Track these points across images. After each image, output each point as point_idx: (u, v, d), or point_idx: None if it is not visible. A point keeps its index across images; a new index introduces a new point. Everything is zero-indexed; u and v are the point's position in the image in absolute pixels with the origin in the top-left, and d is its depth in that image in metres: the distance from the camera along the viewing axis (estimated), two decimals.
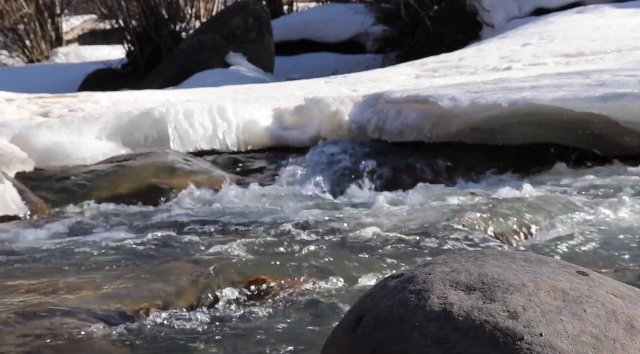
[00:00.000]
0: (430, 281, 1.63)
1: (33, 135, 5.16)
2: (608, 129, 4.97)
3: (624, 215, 3.82)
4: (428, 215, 3.92)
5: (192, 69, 11.54)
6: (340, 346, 1.65)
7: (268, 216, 4.20)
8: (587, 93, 4.95)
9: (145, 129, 5.45)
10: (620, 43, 8.43)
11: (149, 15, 13.17)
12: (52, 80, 12.57)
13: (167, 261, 3.37)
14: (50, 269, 3.33)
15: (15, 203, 4.42)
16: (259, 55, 12.07)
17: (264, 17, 12.31)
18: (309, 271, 3.13)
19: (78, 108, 6.23)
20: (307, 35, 15.31)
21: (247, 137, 5.72)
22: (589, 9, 11.21)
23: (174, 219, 4.22)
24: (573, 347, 1.45)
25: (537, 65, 7.75)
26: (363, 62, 13.39)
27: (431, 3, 12.43)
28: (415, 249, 3.43)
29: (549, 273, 1.65)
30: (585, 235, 3.52)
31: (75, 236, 3.91)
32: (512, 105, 5.02)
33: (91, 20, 18.97)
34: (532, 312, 1.51)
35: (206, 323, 2.63)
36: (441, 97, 5.29)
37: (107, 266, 3.34)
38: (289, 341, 2.46)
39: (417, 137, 5.44)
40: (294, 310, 2.72)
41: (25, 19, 15.67)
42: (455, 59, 8.88)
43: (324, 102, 5.76)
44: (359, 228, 3.76)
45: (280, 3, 18.55)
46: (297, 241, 3.58)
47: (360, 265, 3.19)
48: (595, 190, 4.35)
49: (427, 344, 1.51)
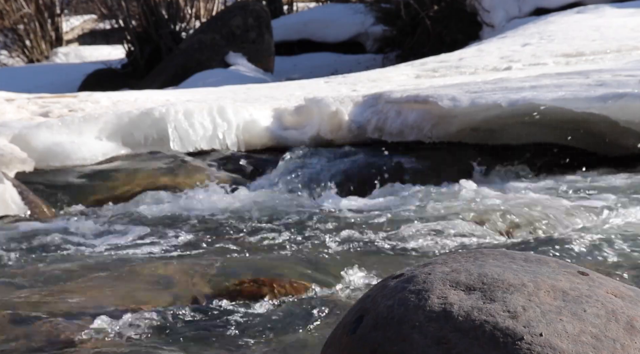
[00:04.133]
0: (430, 281, 1.63)
1: (33, 135, 5.16)
2: (608, 129, 4.97)
3: (624, 214, 3.82)
4: (428, 215, 3.92)
5: (192, 69, 11.54)
6: (340, 346, 1.65)
7: (267, 216, 4.20)
8: (587, 93, 4.95)
9: (145, 129, 5.45)
10: (620, 43, 8.43)
11: (149, 15, 13.17)
12: (52, 80, 12.57)
13: (166, 261, 3.37)
14: (49, 269, 3.33)
15: (15, 203, 4.42)
16: (259, 55, 12.07)
17: (264, 17, 12.31)
18: (308, 271, 3.13)
19: (78, 108, 6.23)
20: (307, 35, 15.32)
21: (247, 137, 5.72)
22: (589, 9, 11.22)
23: (173, 219, 4.22)
24: (573, 347, 1.45)
25: (537, 65, 7.75)
26: (363, 62, 13.40)
27: (431, 3, 12.43)
28: (415, 249, 3.43)
29: (549, 273, 1.65)
30: (585, 235, 3.52)
31: (74, 236, 3.91)
32: (512, 105, 5.02)
33: (91, 20, 18.97)
34: (532, 312, 1.51)
35: (205, 324, 2.63)
36: (441, 97, 5.29)
37: (107, 266, 3.34)
38: (289, 341, 2.46)
39: (417, 137, 5.44)
40: (294, 310, 2.72)
41: (25, 19, 15.67)
42: (455, 58, 8.88)
43: (324, 102, 5.76)
44: (358, 229, 3.76)
45: (280, 3, 18.56)
46: (296, 242, 3.58)
47: (360, 265, 3.19)
48: (595, 190, 4.35)
49: (427, 344, 1.51)
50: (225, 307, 2.78)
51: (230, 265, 3.25)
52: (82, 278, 3.15)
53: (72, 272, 3.25)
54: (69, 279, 3.14)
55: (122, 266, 3.33)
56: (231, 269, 3.18)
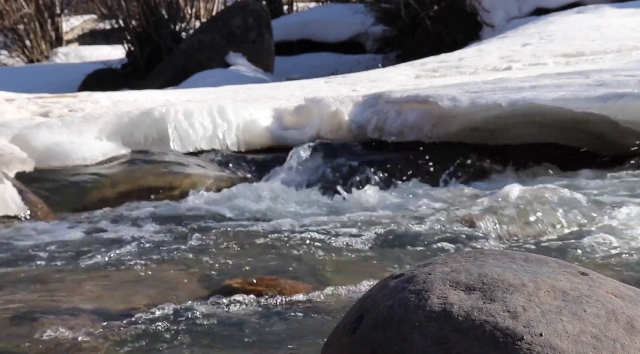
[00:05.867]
0: (430, 281, 1.63)
1: (33, 135, 5.16)
2: (608, 129, 4.97)
3: (624, 214, 3.82)
4: (428, 215, 3.92)
5: (192, 69, 11.54)
6: (340, 346, 1.65)
7: (266, 216, 4.20)
8: (587, 93, 4.95)
9: (145, 129, 5.45)
10: (620, 43, 8.43)
11: (149, 15, 13.17)
12: (52, 80, 12.56)
13: (166, 261, 3.37)
14: (49, 269, 3.34)
15: (15, 203, 4.42)
16: (259, 55, 12.07)
17: (264, 17, 12.31)
18: (308, 271, 3.13)
19: (78, 108, 6.22)
20: (307, 35, 15.32)
21: (247, 137, 5.72)
22: (589, 9, 11.22)
23: (173, 219, 4.22)
24: (573, 347, 1.45)
25: (537, 65, 7.74)
26: (363, 62, 13.39)
27: (431, 3, 12.43)
28: (415, 249, 3.43)
29: (549, 273, 1.65)
30: (585, 235, 3.52)
31: (74, 237, 3.91)
32: (512, 105, 5.01)
33: (91, 20, 18.97)
34: (532, 312, 1.51)
35: (205, 324, 2.63)
36: (441, 97, 5.29)
37: (106, 266, 3.34)
38: (289, 341, 2.46)
39: (417, 137, 5.44)
40: (294, 310, 2.72)
41: (25, 19, 15.67)
42: (455, 58, 8.87)
43: (324, 102, 5.76)
44: (357, 229, 3.76)
45: (280, 3, 18.56)
46: (296, 242, 3.58)
47: (360, 265, 3.19)
48: (595, 190, 4.34)
49: (427, 344, 1.51)
50: (224, 307, 2.78)
51: (229, 264, 3.25)
52: (82, 278, 3.15)
53: (71, 272, 3.25)
54: (69, 279, 3.14)
55: (122, 266, 3.33)
56: (231, 269, 3.19)
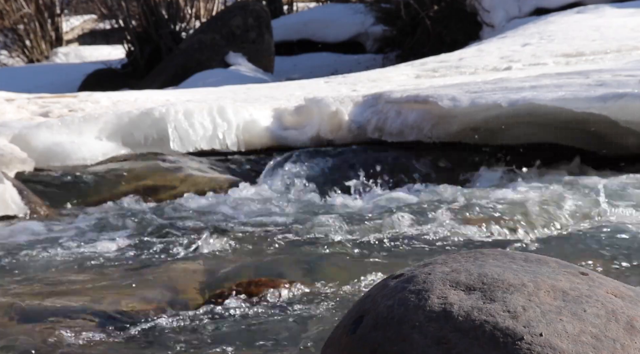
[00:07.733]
0: (430, 281, 1.63)
1: (33, 135, 5.16)
2: (608, 129, 4.97)
3: (624, 215, 3.82)
4: (427, 215, 3.92)
5: (192, 69, 11.54)
6: (340, 346, 1.65)
7: (266, 217, 4.20)
8: (587, 93, 4.95)
9: (145, 129, 5.45)
10: (620, 43, 8.43)
11: (149, 15, 13.17)
12: (52, 80, 12.56)
13: (166, 262, 3.37)
14: (50, 269, 3.34)
15: (15, 203, 4.42)
16: (259, 55, 12.07)
17: (264, 17, 12.31)
18: (308, 271, 3.13)
19: (78, 108, 6.22)
20: (307, 35, 15.32)
21: (247, 137, 5.72)
22: (589, 9, 11.21)
23: (173, 220, 4.22)
24: (573, 347, 1.45)
25: (537, 65, 7.74)
26: (363, 62, 13.40)
27: (431, 3, 12.43)
28: (415, 249, 3.43)
29: (549, 273, 1.65)
30: (585, 235, 3.52)
31: (74, 237, 3.91)
32: (512, 105, 5.01)
33: (91, 20, 18.96)
34: (532, 312, 1.51)
35: (205, 324, 2.63)
36: (441, 97, 5.29)
37: (107, 266, 3.34)
38: (289, 341, 2.46)
39: (417, 137, 5.43)
40: (294, 310, 2.72)
41: (25, 19, 15.67)
42: (455, 58, 8.87)
43: (324, 102, 5.76)
44: (357, 229, 3.76)
45: (280, 3, 18.56)
46: (296, 242, 3.58)
47: (359, 265, 3.19)
48: (595, 190, 4.34)
49: (427, 344, 1.50)
50: (225, 307, 2.78)
51: (229, 265, 3.25)
52: (82, 278, 3.15)
53: (71, 272, 3.25)
54: (69, 279, 3.14)
55: (122, 266, 3.33)
56: (231, 269, 3.19)
